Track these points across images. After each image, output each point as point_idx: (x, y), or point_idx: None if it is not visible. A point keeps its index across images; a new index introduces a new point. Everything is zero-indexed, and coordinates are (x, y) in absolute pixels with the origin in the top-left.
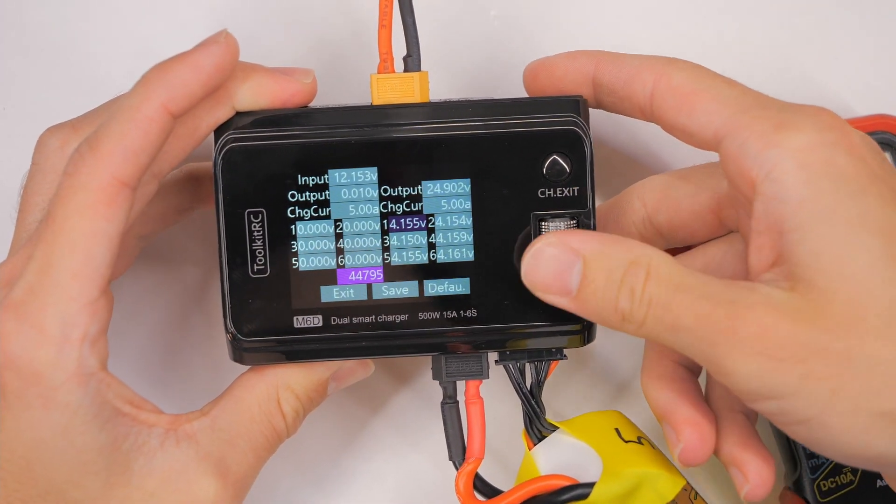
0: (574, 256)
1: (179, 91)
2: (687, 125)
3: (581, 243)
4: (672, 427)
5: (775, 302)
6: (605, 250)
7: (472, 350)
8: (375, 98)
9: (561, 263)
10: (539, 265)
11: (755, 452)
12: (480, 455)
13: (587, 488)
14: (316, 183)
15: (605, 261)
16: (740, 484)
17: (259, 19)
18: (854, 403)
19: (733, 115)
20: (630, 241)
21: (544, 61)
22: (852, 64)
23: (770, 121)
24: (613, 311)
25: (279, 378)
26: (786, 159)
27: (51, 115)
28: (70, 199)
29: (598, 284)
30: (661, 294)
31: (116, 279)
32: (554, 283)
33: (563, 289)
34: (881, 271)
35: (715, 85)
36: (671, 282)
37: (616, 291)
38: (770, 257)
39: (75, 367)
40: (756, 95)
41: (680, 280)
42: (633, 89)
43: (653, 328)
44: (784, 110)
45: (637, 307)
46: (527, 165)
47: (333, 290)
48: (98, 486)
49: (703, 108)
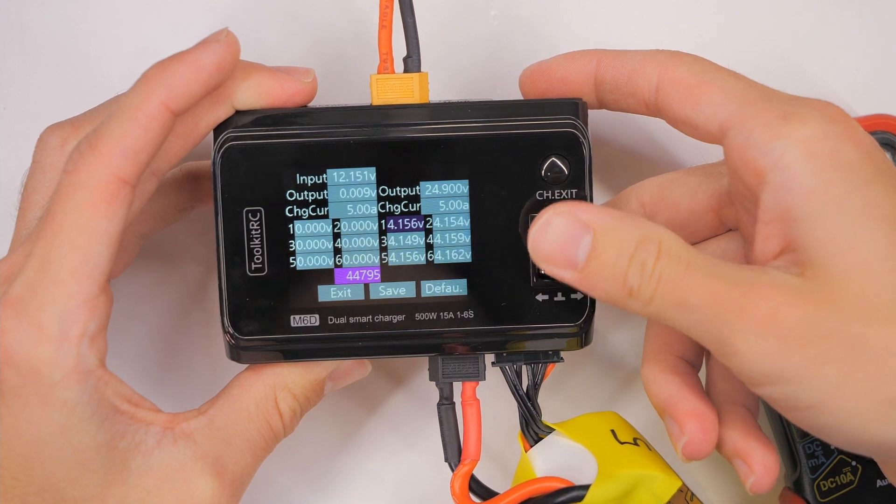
0: (583, 229)
1: (180, 89)
2: (692, 118)
3: (592, 216)
4: (675, 420)
5: (787, 285)
6: (616, 224)
7: (468, 351)
8: (375, 98)
9: (569, 235)
10: (547, 235)
11: (759, 443)
12: (476, 457)
13: (582, 490)
14: (314, 182)
15: (616, 234)
16: (745, 475)
17: (259, 19)
18: (862, 389)
19: (739, 107)
20: (640, 219)
21: (541, 65)
22: (852, 64)
23: (776, 112)
24: (621, 286)
25: (276, 377)
26: (793, 150)
27: (51, 115)
28: (70, 197)
29: (608, 259)
30: (672, 270)
31: (116, 277)
32: (560, 255)
33: (568, 261)
34: (890, 260)
35: (720, 77)
36: (682, 259)
37: (626, 266)
38: (778, 246)
39: (73, 365)
40: (760, 88)
41: (691, 258)
42: (637, 84)
43: (660, 305)
44: (789, 102)
45: (647, 283)
46: (525, 167)
47: (331, 289)
48: (95, 484)
49: (707, 101)
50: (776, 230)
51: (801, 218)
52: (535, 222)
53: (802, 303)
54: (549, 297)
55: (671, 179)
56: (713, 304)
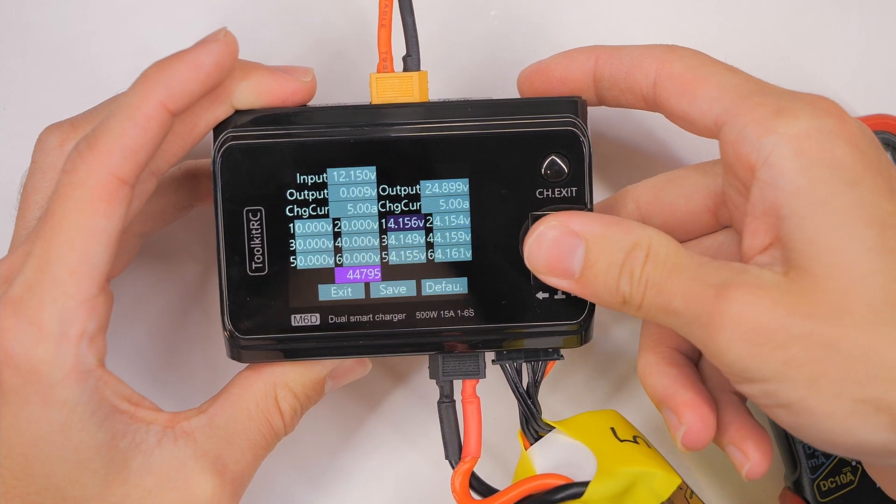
0: (576, 240)
1: (178, 89)
2: (688, 112)
3: (582, 226)
4: (673, 411)
5: (763, 283)
6: (605, 233)
7: (469, 349)
8: (374, 97)
9: (563, 247)
10: (542, 249)
11: (752, 430)
12: (477, 454)
13: (581, 487)
14: (315, 181)
15: (606, 244)
16: (741, 462)
17: (258, 18)
18: (836, 390)
19: (733, 102)
20: (630, 223)
21: (539, 65)
22: (852, 64)
23: (769, 107)
24: (615, 293)
25: (277, 376)
26: (782, 146)
27: (51, 115)
28: (68, 197)
29: (600, 268)
30: (656, 276)
31: (116, 277)
32: (557, 266)
33: (565, 272)
34: (872, 262)
35: (716, 72)
36: (667, 263)
37: (617, 275)
38: (765, 241)
39: (73, 364)
40: (757, 82)
41: (675, 261)
42: (635, 79)
43: (649, 310)
44: (783, 97)
45: (636, 290)
46: (525, 165)
47: (331, 288)
48: (95, 484)
49: (704, 95)
50: (764, 225)
51: (787, 216)
52: (529, 235)
53: (775, 304)
54: (549, 294)
55: (667, 179)
56: (691, 307)
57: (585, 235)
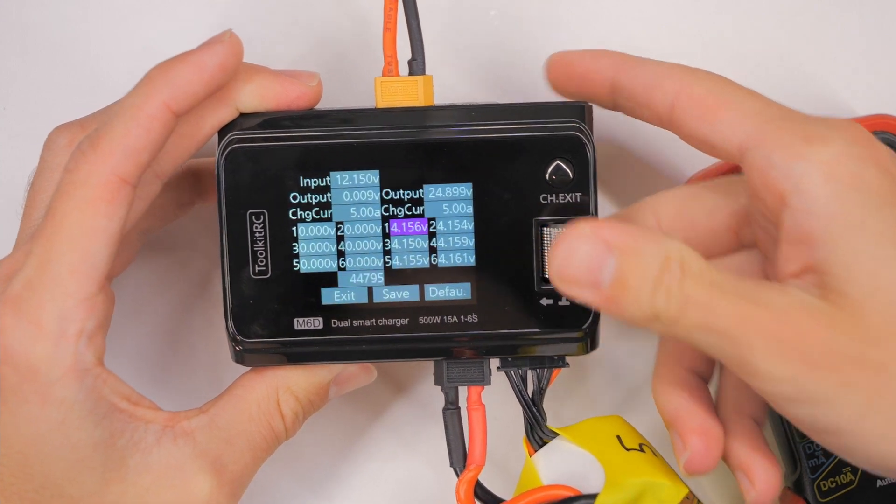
0: (608, 251)
1: (182, 90)
2: (709, 136)
3: (615, 237)
4: (679, 435)
5: (811, 307)
6: (639, 246)
7: (473, 356)
8: (379, 101)
9: (594, 258)
10: (572, 258)
11: (763, 458)
12: (481, 462)
13: (590, 499)
14: (318, 185)
15: (640, 258)
16: (746, 489)
17: (263, 20)
18: (890, 413)
19: (758, 127)
20: (661, 236)
21: (567, 56)
22: (852, 64)
23: (797, 133)
24: (647, 310)
25: (279, 379)
26: (814, 172)
27: (51, 114)
28: (70, 196)
29: (633, 283)
30: (698, 293)
31: (118, 275)
32: (584, 279)
33: (593, 283)
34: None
35: (738, 97)
36: (705, 279)
37: (652, 289)
38: (799, 267)
39: (72, 363)
40: (780, 107)
41: (712, 278)
42: (653, 97)
43: (686, 327)
44: (809, 122)
45: (673, 306)
46: (530, 170)
47: (334, 292)
48: (94, 482)
49: (726, 120)
50: (798, 252)
51: (821, 242)
52: (556, 244)
53: (827, 326)
54: (554, 301)
55: (689, 195)
56: (739, 326)
57: (618, 247)
